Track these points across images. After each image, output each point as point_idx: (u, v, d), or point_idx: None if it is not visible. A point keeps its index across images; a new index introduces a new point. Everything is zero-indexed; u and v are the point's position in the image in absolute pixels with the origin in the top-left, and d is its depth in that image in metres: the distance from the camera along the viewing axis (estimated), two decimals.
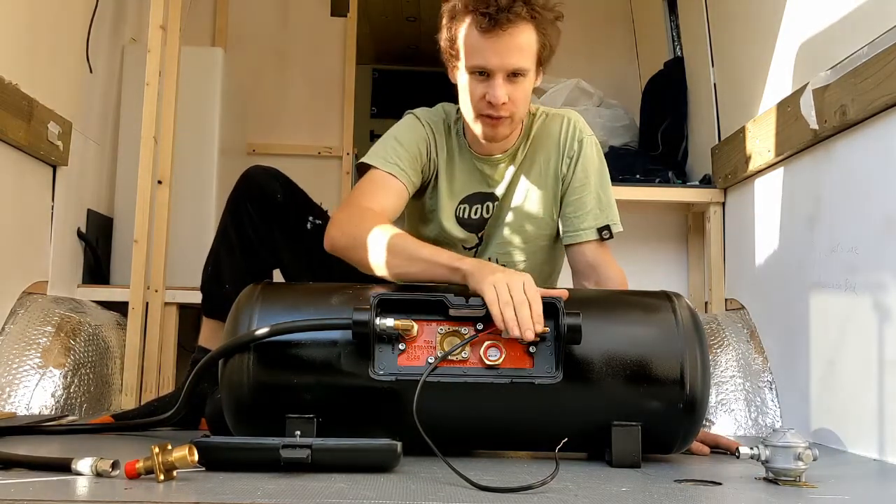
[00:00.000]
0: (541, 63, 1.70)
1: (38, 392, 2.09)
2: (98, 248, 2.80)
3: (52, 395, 2.11)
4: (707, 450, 1.62)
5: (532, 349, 1.37)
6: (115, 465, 1.13)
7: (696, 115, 3.04)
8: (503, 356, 1.37)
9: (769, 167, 2.33)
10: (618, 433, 1.37)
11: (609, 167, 1.88)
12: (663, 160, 3.08)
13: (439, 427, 1.26)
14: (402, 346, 1.37)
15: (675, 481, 1.25)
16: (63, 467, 1.15)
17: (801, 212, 2.11)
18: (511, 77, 1.65)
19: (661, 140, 3.14)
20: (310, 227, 1.83)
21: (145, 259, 2.50)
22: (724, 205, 2.75)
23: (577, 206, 1.80)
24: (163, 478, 1.09)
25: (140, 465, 1.10)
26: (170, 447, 1.09)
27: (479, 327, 1.38)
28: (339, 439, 1.24)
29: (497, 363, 1.36)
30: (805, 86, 2.02)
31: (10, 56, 2.14)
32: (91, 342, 2.31)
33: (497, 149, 1.80)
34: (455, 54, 1.70)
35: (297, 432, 1.28)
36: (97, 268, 2.79)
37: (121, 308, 2.55)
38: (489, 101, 1.65)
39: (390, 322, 1.34)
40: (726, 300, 2.69)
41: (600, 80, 3.39)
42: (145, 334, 2.50)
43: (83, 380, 2.21)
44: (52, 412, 2.08)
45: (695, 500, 1.11)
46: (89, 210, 2.77)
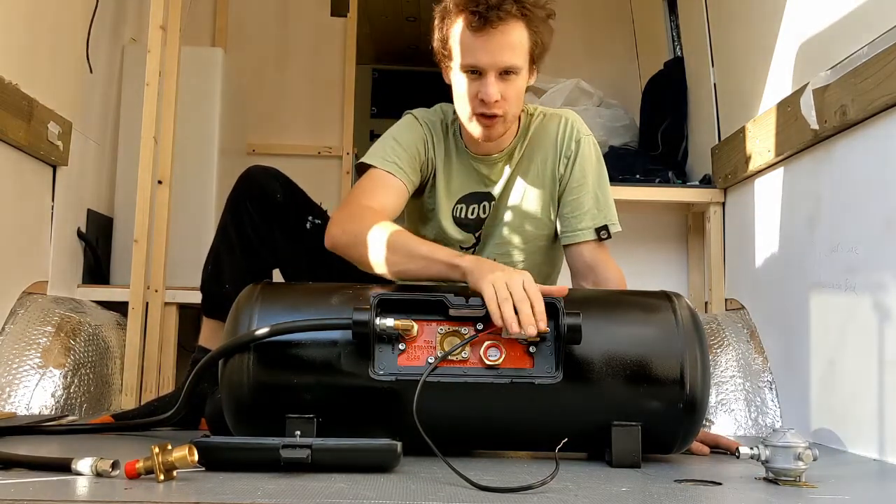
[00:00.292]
0: (534, 61, 1.70)
1: (38, 392, 2.09)
2: (98, 248, 2.80)
3: (52, 395, 2.11)
4: (707, 450, 1.62)
5: (532, 349, 1.37)
6: (115, 465, 1.13)
7: (696, 115, 3.04)
8: (503, 356, 1.37)
9: (769, 167, 2.33)
10: (618, 433, 1.37)
11: (609, 167, 1.88)
12: (663, 160, 3.08)
13: (439, 427, 1.26)
14: (402, 346, 1.37)
15: (675, 481, 1.25)
16: (63, 467, 1.15)
17: (801, 212, 2.11)
18: (503, 75, 1.65)
19: (661, 140, 3.14)
20: (310, 226, 1.83)
21: (145, 259, 2.51)
22: (724, 205, 2.75)
23: (575, 206, 1.80)
24: (163, 478, 1.09)
25: (140, 465, 1.10)
26: (170, 447, 1.09)
27: (479, 327, 1.38)
28: (339, 439, 1.24)
29: (497, 363, 1.36)
30: (805, 86, 2.02)
31: (10, 56, 2.14)
32: (91, 342, 2.31)
33: (494, 148, 1.80)
34: (448, 54, 1.70)
35: (297, 432, 1.28)
36: (97, 268, 2.79)
37: (121, 308, 2.55)
38: (482, 100, 1.65)
39: (390, 322, 1.34)
40: (726, 300, 2.68)
41: (600, 80, 3.39)
42: (145, 334, 2.50)
43: (83, 380, 2.21)
44: (52, 412, 2.08)
45: (695, 500, 1.11)
46: (89, 210, 2.77)
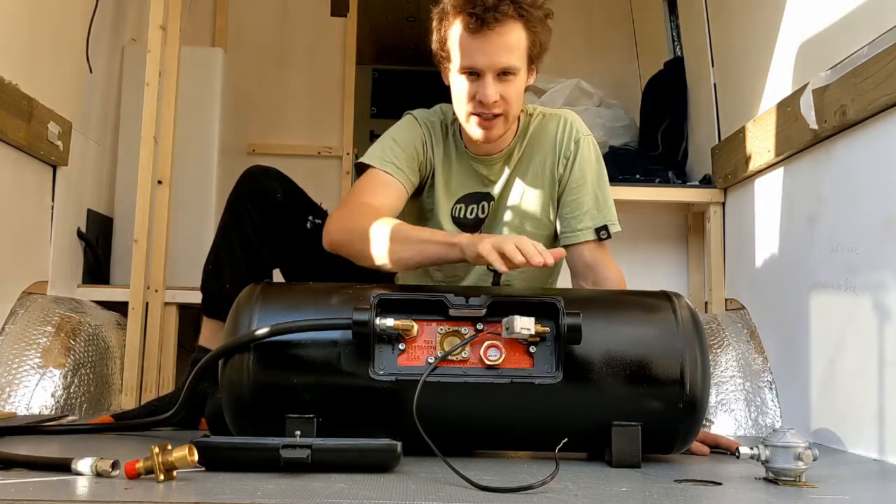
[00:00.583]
0: (532, 61, 1.70)
1: (38, 392, 2.09)
2: (98, 248, 2.80)
3: (52, 395, 2.11)
4: (707, 450, 1.62)
5: (532, 349, 1.37)
6: (115, 465, 1.13)
7: (696, 115, 3.04)
8: (503, 356, 1.37)
9: (769, 167, 2.33)
10: (618, 433, 1.37)
11: (609, 167, 1.88)
12: (663, 160, 3.08)
13: (439, 427, 1.26)
14: (402, 346, 1.37)
15: (675, 481, 1.25)
16: (63, 467, 1.15)
17: (801, 212, 2.11)
18: (501, 76, 1.65)
19: (661, 140, 3.14)
20: (310, 226, 1.83)
21: (145, 259, 2.51)
22: (724, 205, 2.75)
23: (575, 206, 1.80)
24: (163, 478, 1.08)
25: (140, 465, 1.10)
26: (170, 447, 1.09)
27: (479, 327, 1.38)
28: (339, 439, 1.24)
29: (497, 363, 1.36)
30: (805, 86, 2.02)
31: (10, 56, 2.14)
32: (91, 342, 2.31)
33: (493, 149, 1.80)
34: (446, 56, 1.70)
35: (297, 432, 1.28)
36: (97, 268, 2.79)
37: (121, 308, 2.55)
38: (480, 101, 1.65)
39: (390, 322, 1.34)
40: (726, 300, 2.68)
41: (600, 80, 3.39)
42: (145, 334, 2.50)
43: (83, 380, 2.21)
44: (52, 412, 2.08)
45: (695, 500, 1.11)
46: (89, 210, 2.77)
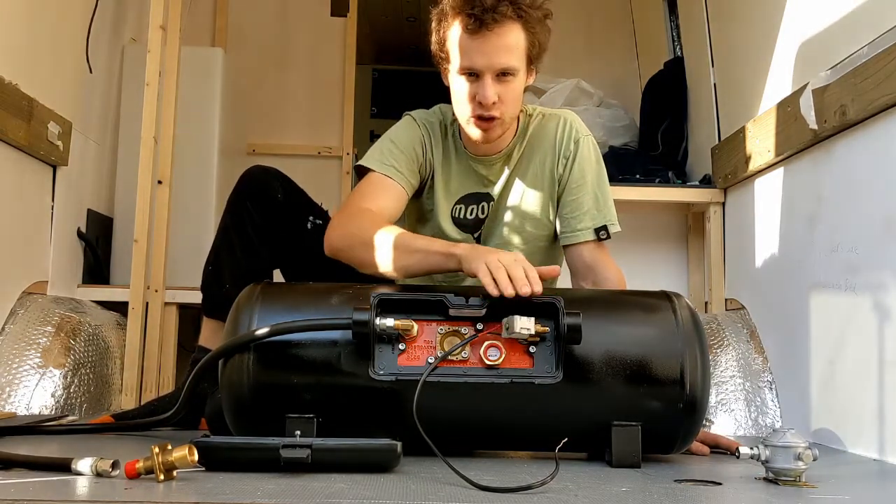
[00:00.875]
0: (531, 62, 1.70)
1: (38, 392, 2.09)
2: (98, 248, 2.80)
3: (52, 395, 2.11)
4: (707, 450, 1.62)
5: (532, 349, 1.37)
6: (115, 465, 1.13)
7: (696, 115, 3.04)
8: (503, 356, 1.37)
9: (769, 167, 2.33)
10: (618, 433, 1.37)
11: (609, 167, 1.88)
12: (663, 160, 3.08)
13: (439, 427, 1.27)
14: (402, 346, 1.37)
15: (675, 481, 1.25)
16: (63, 467, 1.15)
17: (801, 212, 2.11)
18: (500, 77, 1.65)
19: (661, 140, 3.14)
20: (310, 226, 1.83)
21: (145, 259, 2.51)
22: (724, 205, 2.75)
23: (574, 206, 1.80)
24: (163, 478, 1.09)
25: (140, 465, 1.10)
26: (170, 447, 1.09)
27: (479, 327, 1.38)
28: (339, 439, 1.24)
29: (497, 363, 1.36)
30: (805, 86, 2.02)
31: (10, 56, 2.14)
32: (91, 342, 2.31)
33: (492, 149, 1.80)
34: (445, 57, 1.71)
35: (297, 432, 1.28)
36: (97, 268, 2.79)
37: (121, 308, 2.55)
38: (479, 102, 1.65)
39: (390, 322, 1.34)
40: (726, 300, 2.68)
41: (600, 80, 3.39)
42: (145, 334, 2.50)
43: (83, 380, 2.21)
44: (52, 412, 2.08)
45: (695, 500, 1.11)
46: (89, 210, 2.77)
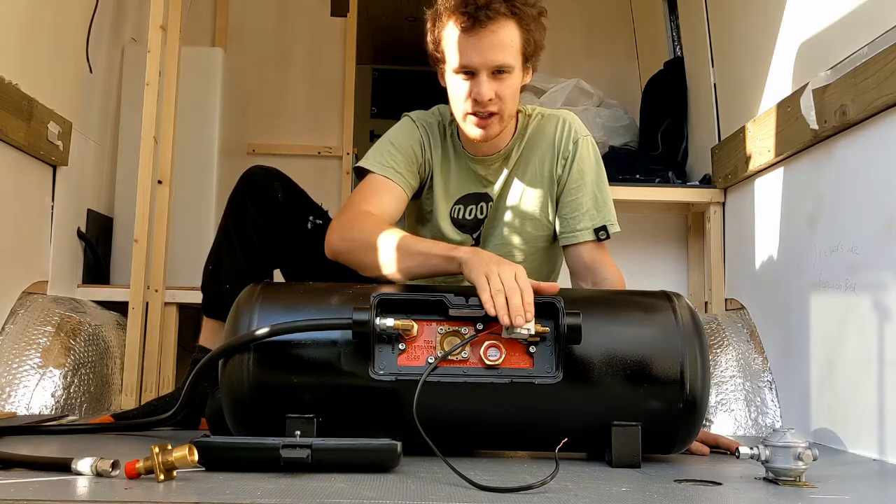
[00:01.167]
0: (527, 59, 1.70)
1: (38, 392, 2.09)
2: (98, 248, 2.80)
3: (52, 395, 2.11)
4: (707, 450, 1.62)
5: (532, 349, 1.37)
6: (115, 465, 1.13)
7: (696, 115, 3.04)
8: (503, 356, 1.37)
9: (769, 167, 2.33)
10: (618, 433, 1.37)
11: (609, 167, 1.88)
12: (663, 160, 3.08)
13: (439, 427, 1.26)
14: (402, 346, 1.37)
15: (675, 481, 1.25)
16: (63, 467, 1.15)
17: (801, 212, 2.11)
18: (496, 74, 1.65)
19: (661, 140, 3.14)
20: (310, 226, 1.83)
21: (145, 259, 2.51)
22: (724, 205, 2.75)
23: (573, 206, 1.80)
24: (163, 478, 1.09)
25: (140, 465, 1.10)
26: (170, 447, 1.09)
27: (479, 327, 1.38)
28: (339, 439, 1.24)
29: (497, 363, 1.36)
30: (805, 86, 2.02)
31: (10, 56, 2.14)
32: (91, 342, 2.31)
33: (491, 149, 1.80)
34: (441, 57, 1.71)
35: (297, 432, 1.28)
36: (97, 268, 2.79)
37: (121, 308, 2.55)
38: (475, 99, 1.65)
39: (390, 322, 1.34)
40: (726, 300, 2.68)
41: (600, 80, 3.39)
42: (145, 334, 2.50)
43: (83, 380, 2.21)
44: (52, 412, 2.08)
45: (695, 500, 1.11)
46: (89, 210, 2.77)
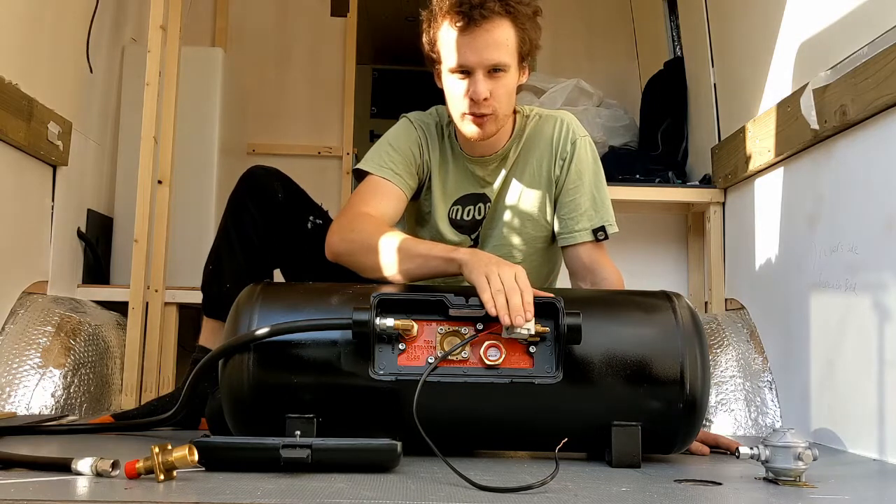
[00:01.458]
0: (523, 58, 1.70)
1: (38, 392, 2.09)
2: (98, 248, 2.80)
3: (52, 395, 2.11)
4: (707, 450, 1.62)
5: (532, 349, 1.37)
6: (115, 465, 1.13)
7: (696, 115, 3.04)
8: (503, 356, 1.37)
9: (769, 167, 2.33)
10: (618, 433, 1.37)
11: (609, 167, 1.88)
12: (663, 160, 3.07)
13: (439, 427, 1.26)
14: (402, 346, 1.37)
15: (675, 481, 1.25)
16: (63, 467, 1.15)
17: (801, 212, 2.11)
18: (492, 73, 1.65)
19: (661, 140, 3.14)
20: (310, 226, 1.83)
21: (145, 259, 2.51)
22: (724, 205, 2.75)
23: (572, 207, 1.80)
24: (163, 478, 1.09)
25: (140, 465, 1.10)
26: (170, 447, 1.09)
27: (479, 327, 1.38)
28: (339, 439, 1.24)
29: (497, 363, 1.36)
30: (805, 86, 2.02)
31: (10, 56, 2.14)
32: (91, 342, 2.31)
33: (488, 149, 1.80)
34: (437, 57, 1.71)
35: (297, 432, 1.28)
36: (97, 268, 2.79)
37: (121, 308, 2.55)
38: (471, 99, 1.65)
39: (390, 322, 1.34)
40: (726, 300, 2.68)
41: (600, 80, 3.39)
42: (145, 334, 2.50)
43: (83, 380, 2.21)
44: (52, 412, 2.08)
45: (695, 500, 1.11)
46: (89, 210, 2.77)
